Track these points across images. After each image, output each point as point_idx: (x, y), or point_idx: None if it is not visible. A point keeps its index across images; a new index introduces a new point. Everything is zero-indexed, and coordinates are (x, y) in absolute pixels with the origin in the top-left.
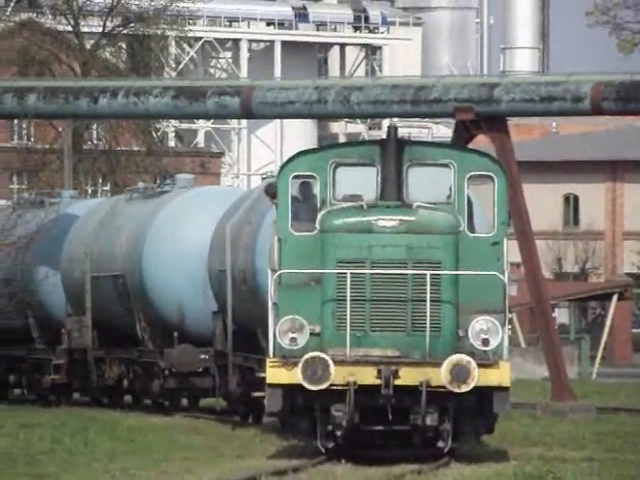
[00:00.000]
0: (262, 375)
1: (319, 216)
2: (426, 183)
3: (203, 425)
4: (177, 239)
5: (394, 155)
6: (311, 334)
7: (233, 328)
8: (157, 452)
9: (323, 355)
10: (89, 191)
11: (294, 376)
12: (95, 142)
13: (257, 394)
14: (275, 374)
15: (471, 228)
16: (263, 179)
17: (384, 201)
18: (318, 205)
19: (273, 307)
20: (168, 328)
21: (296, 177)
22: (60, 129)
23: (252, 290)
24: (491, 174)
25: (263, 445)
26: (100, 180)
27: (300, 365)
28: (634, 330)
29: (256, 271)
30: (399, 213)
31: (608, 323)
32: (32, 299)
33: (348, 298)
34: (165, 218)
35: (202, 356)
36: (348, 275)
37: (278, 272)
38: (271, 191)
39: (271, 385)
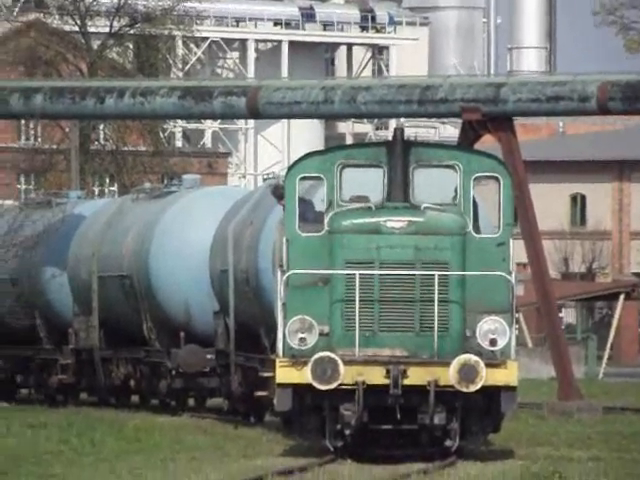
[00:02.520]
0: (265, 375)
1: (327, 217)
2: (432, 184)
3: (210, 425)
4: (183, 239)
5: (400, 156)
6: (320, 334)
7: (234, 328)
8: (164, 452)
9: (332, 355)
10: (96, 191)
11: (304, 376)
12: (102, 142)
13: (260, 393)
14: (285, 374)
15: (477, 229)
16: (265, 180)
17: (391, 202)
18: (325, 206)
19: (282, 307)
20: (175, 328)
21: (303, 178)
22: (67, 129)
23: (255, 290)
24: (497, 175)
25: (269, 445)
26: (107, 180)
27: (310, 365)
28: None
29: (259, 271)
30: (407, 214)
31: (615, 323)
32: (39, 299)
33: (357, 299)
34: (171, 218)
35: (209, 356)
36: (357, 276)
37: (288, 272)
38: (278, 192)
39: (281, 385)
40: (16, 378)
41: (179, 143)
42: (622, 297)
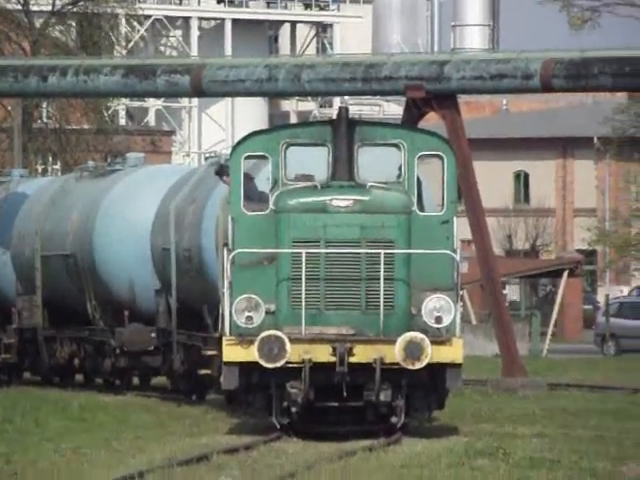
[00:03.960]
0: (208, 353)
1: (272, 196)
2: (377, 163)
3: (154, 404)
4: (127, 218)
5: (345, 135)
6: (266, 313)
7: (176, 306)
8: (108, 431)
9: (279, 333)
10: (39, 170)
11: (250, 354)
12: (45, 121)
13: (203, 371)
14: (231, 352)
15: (421, 207)
16: (206, 159)
17: (336, 181)
18: (270, 185)
19: (228, 286)
20: (119, 307)
21: (248, 157)
22: (10, 108)
23: (198, 268)
24: (441, 153)
25: (214, 423)
26: (50, 159)
27: (256, 343)
28: (584, 307)
29: (202, 249)
30: (353, 193)
31: (558, 300)
32: None
33: (303, 277)
34: (115, 197)
35: (153, 335)
36: (303, 254)
37: (235, 251)
38: (222, 171)
39: (227, 363)
40: None
41: (123, 121)
42: (566, 274)
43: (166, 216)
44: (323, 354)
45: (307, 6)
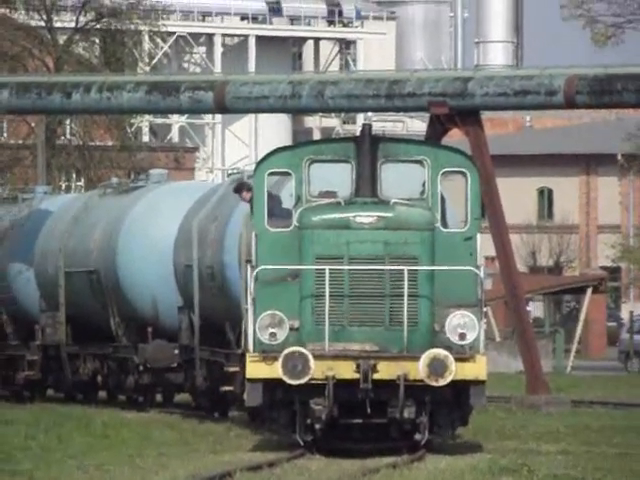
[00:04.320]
0: (230, 369)
1: (296, 212)
2: (400, 179)
3: (177, 421)
4: (151, 234)
5: (368, 152)
6: (290, 329)
7: (199, 323)
8: (131, 448)
9: (303, 350)
10: (63, 187)
11: (274, 371)
12: (69, 137)
13: (225, 388)
14: (255, 369)
15: (444, 224)
16: (228, 176)
17: (360, 197)
18: (294, 202)
19: (252, 302)
20: (142, 323)
21: (272, 174)
22: (33, 124)
23: (220, 285)
24: (464, 170)
25: (237, 440)
26: (74, 175)
27: (280, 360)
28: (608, 323)
29: (224, 266)
30: (376, 209)
31: (582, 316)
32: (5, 295)
33: (327, 293)
34: (139, 213)
35: (176, 351)
36: (327, 271)
37: (258, 268)
38: (240, 189)
39: (251, 380)
40: None
41: (146, 138)
42: (589, 290)
43: (188, 233)
44: (347, 371)
45: (330, 23)
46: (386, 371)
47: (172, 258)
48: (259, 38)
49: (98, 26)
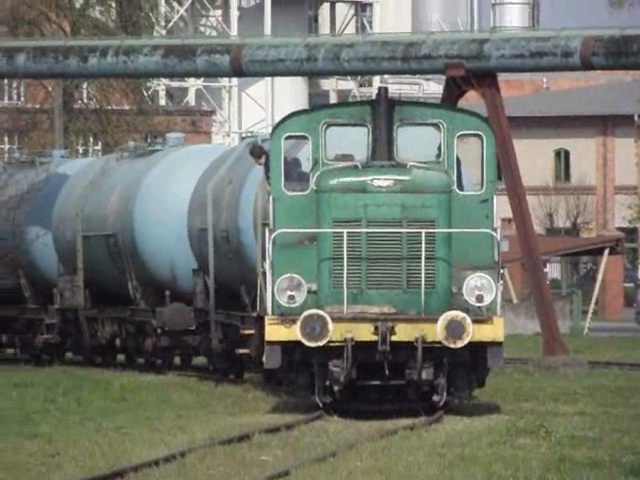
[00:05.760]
0: (246, 332)
1: (313, 176)
2: (416, 142)
3: (195, 383)
4: (168, 198)
5: (385, 115)
6: (308, 292)
7: (214, 286)
8: (150, 410)
9: (321, 312)
10: (80, 150)
11: (293, 333)
12: (85, 101)
13: (241, 351)
14: (274, 331)
15: (460, 186)
16: (242, 139)
17: (377, 161)
18: (311, 165)
19: (270, 266)
20: (160, 287)
21: (288, 137)
22: (50, 89)
23: (235, 249)
24: (480, 133)
25: (255, 402)
26: (91, 139)
27: (299, 322)
28: (625, 284)
29: (239, 230)
30: (393, 173)
31: (600, 278)
32: (24, 259)
33: (345, 257)
34: (156, 177)
35: (193, 314)
36: (345, 234)
37: (276, 232)
38: (256, 151)
39: (270, 342)
40: (1, 338)
41: (162, 101)
42: (607, 252)
43: (203, 197)
44: (365, 333)
45: None
46: (404, 333)
47: (186, 222)
48: (275, 1)
49: None
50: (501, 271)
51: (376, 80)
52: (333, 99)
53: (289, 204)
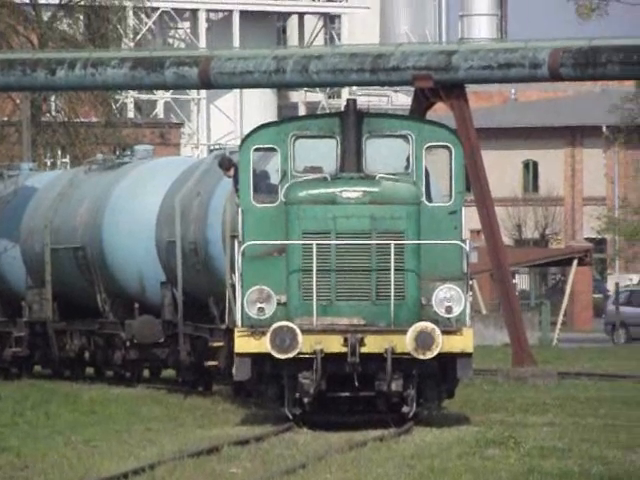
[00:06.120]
0: (214, 344)
1: (282, 188)
2: (385, 154)
3: (164, 396)
4: (137, 210)
5: (353, 127)
6: (277, 304)
7: (182, 298)
8: (119, 423)
9: (291, 324)
10: (48, 163)
11: (263, 345)
12: (54, 114)
13: (210, 363)
14: (243, 343)
15: (429, 198)
16: (210, 151)
17: (345, 172)
18: (279, 177)
19: (239, 278)
20: (129, 299)
21: (257, 149)
22: (18, 101)
23: (203, 261)
24: (448, 144)
25: (224, 414)
26: (59, 152)
27: (268, 334)
28: (594, 295)
29: (208, 242)
30: (362, 184)
31: (568, 289)
32: None
33: (314, 268)
34: (124, 189)
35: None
36: (314, 246)
37: (245, 244)
38: (225, 164)
39: (240, 354)
40: None
41: (131, 114)
42: (575, 263)
43: (171, 209)
44: (335, 345)
45: None
46: (373, 344)
47: (154, 234)
48: (243, 13)
49: (82, 2)
50: (470, 282)
51: (345, 92)
52: (302, 111)
53: (258, 216)
